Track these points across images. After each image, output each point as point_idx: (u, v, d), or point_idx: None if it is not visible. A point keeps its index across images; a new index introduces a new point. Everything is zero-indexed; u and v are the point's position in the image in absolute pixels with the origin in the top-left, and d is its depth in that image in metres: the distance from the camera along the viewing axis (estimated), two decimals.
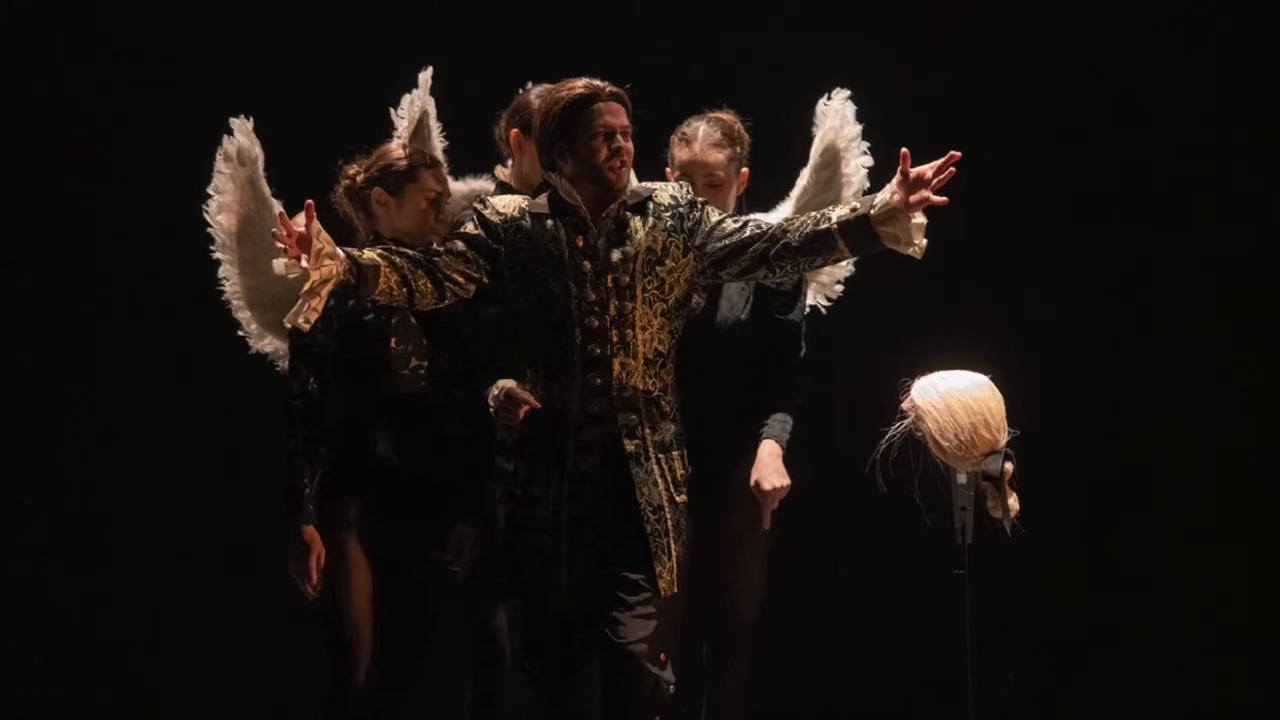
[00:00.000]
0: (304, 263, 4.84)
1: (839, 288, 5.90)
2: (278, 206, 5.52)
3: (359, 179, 5.59)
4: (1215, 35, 7.19)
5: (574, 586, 5.15)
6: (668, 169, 5.67)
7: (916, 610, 6.56)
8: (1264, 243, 7.17)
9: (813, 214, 5.15)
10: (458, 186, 5.74)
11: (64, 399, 7.34)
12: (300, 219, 4.86)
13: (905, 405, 5.18)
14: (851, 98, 5.81)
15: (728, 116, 5.66)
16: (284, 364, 5.68)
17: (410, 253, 5.15)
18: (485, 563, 5.54)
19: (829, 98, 5.83)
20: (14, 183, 7.29)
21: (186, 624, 7.23)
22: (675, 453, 5.23)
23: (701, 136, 5.59)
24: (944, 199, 4.98)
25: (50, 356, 7.31)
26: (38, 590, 7.30)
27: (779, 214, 5.74)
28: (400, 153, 5.60)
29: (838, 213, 5.09)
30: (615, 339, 5.14)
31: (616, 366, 5.14)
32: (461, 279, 5.16)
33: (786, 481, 5.48)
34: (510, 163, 5.75)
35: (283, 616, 6.24)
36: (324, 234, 4.89)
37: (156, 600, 7.24)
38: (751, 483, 5.48)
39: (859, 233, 5.05)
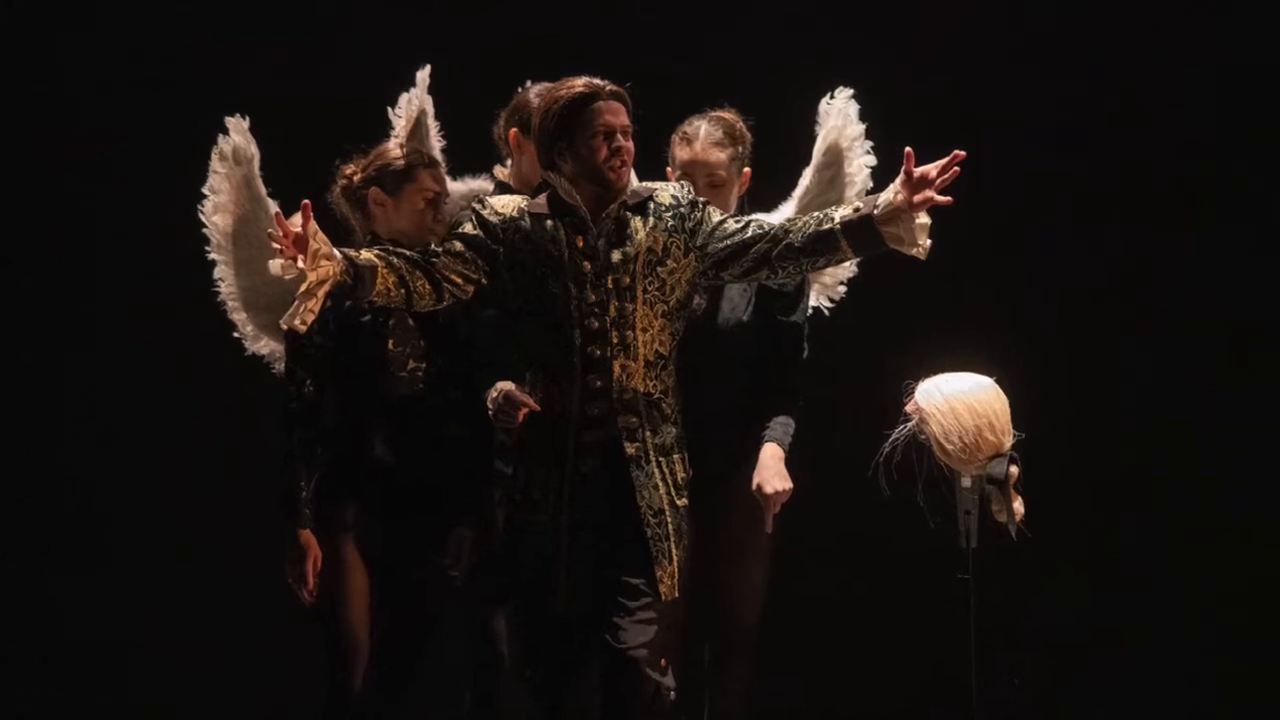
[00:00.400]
0: (300, 263, 4.73)
1: (841, 289, 5.81)
2: (274, 206, 5.44)
3: (356, 179, 5.50)
4: (1215, 35, 7.13)
5: (574, 588, 5.04)
6: (668, 168, 5.54)
7: (920, 614, 6.49)
8: (1264, 243, 7.13)
9: (815, 214, 5.05)
10: (456, 186, 5.66)
11: (64, 399, 7.27)
12: (296, 219, 4.74)
13: (909, 408, 5.08)
14: (854, 97, 5.70)
15: (729, 115, 5.56)
16: (280, 366, 5.58)
17: (408, 253, 5.03)
18: (484, 566, 5.43)
19: (832, 97, 5.74)
20: (14, 183, 7.22)
21: (186, 624, 7.13)
22: (676, 456, 5.11)
23: (703, 136, 5.49)
24: (948, 199, 4.88)
25: (50, 356, 7.24)
26: (38, 590, 7.22)
27: (781, 214, 5.64)
28: (398, 152, 5.50)
29: (841, 213, 4.98)
30: (615, 341, 5.01)
31: (617, 369, 5.02)
32: (460, 280, 5.03)
33: (788, 485, 5.37)
34: (509, 162, 5.65)
35: (282, 617, 6.11)
36: (320, 234, 4.78)
37: (156, 600, 7.15)
38: (753, 486, 5.37)
39: (862, 233, 4.94)
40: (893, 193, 4.89)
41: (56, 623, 7.19)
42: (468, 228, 5.06)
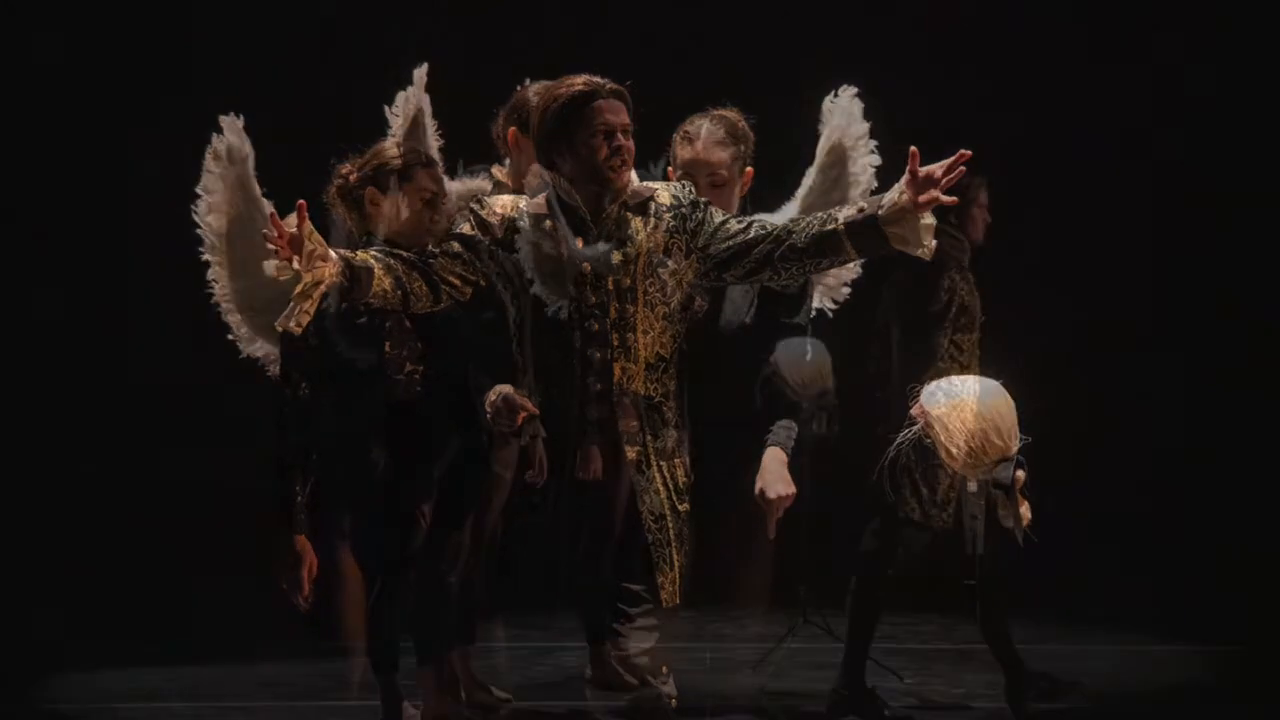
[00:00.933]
0: (295, 264, 4.58)
1: (845, 290, 5.60)
2: (269, 207, 5.24)
3: (353, 178, 5.29)
4: (1214, 36, 7.08)
5: (574, 592, 4.97)
6: (669, 168, 5.34)
7: (922, 616, 6.32)
8: (1264, 243, 7.03)
9: (819, 214, 4.88)
10: (454, 186, 5.45)
11: (64, 399, 7.26)
12: (292, 219, 4.59)
13: (914, 411, 4.87)
14: (858, 96, 5.52)
15: (732, 114, 5.39)
16: (276, 368, 5.39)
17: (405, 254, 4.88)
18: (482, 570, 5.28)
19: (835, 95, 5.52)
20: (14, 182, 7.19)
21: (186, 625, 7.06)
22: (677, 460, 4.95)
23: (704, 135, 5.32)
24: (954, 199, 4.72)
25: (48, 356, 7.23)
26: (39, 591, 7.16)
27: (784, 214, 5.43)
28: (395, 152, 5.29)
29: (844, 213, 4.81)
30: (616, 343, 4.85)
31: (617, 371, 4.86)
32: (458, 281, 4.88)
33: (791, 489, 5.18)
34: (508, 162, 5.46)
35: (281, 620, 5.94)
36: (316, 235, 4.63)
37: (156, 599, 7.10)
38: (756, 491, 5.17)
39: (866, 234, 4.77)
40: (897, 193, 4.71)
41: (57, 623, 7.09)
42: (465, 229, 4.91)
